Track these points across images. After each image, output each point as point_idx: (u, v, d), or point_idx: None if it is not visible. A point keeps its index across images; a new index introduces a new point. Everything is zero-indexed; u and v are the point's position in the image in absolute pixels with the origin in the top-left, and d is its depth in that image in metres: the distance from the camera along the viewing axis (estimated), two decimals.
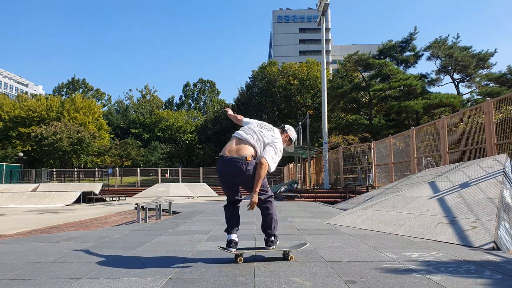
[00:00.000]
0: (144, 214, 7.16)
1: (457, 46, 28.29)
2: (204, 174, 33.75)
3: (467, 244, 3.82)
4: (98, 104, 61.33)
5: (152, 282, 2.56)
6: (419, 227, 4.63)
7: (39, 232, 6.48)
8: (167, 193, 23.94)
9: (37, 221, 9.12)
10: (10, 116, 45.83)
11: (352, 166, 17.72)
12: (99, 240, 4.61)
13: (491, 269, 2.84)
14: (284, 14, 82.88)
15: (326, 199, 14.07)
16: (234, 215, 3.34)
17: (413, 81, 26.20)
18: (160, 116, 58.29)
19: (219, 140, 45.68)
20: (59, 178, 36.32)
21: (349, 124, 29.65)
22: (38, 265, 3.18)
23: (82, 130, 42.46)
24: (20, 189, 21.70)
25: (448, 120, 9.62)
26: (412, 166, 11.18)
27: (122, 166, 44.31)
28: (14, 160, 38.79)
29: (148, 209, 7.27)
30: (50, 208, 14.64)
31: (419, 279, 2.59)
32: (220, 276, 2.71)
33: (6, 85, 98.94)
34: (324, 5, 16.67)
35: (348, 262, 3.17)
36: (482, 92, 26.80)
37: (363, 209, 6.43)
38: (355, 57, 29.50)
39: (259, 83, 44.89)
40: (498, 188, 4.78)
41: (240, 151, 3.14)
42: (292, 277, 2.68)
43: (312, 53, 68.51)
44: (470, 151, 8.47)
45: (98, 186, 22.76)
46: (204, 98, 71.90)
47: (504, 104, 7.49)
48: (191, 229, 5.66)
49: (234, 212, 3.35)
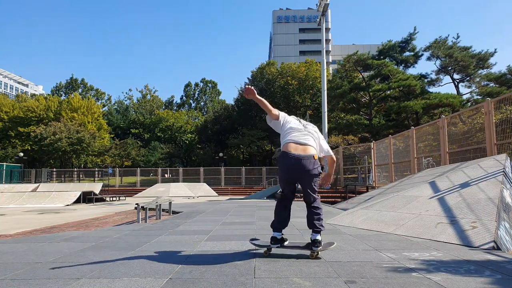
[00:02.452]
0: (144, 214, 7.16)
1: (457, 46, 28.32)
2: (204, 174, 33.73)
3: (467, 244, 3.82)
4: (98, 104, 61.30)
5: (152, 282, 2.56)
6: (419, 227, 4.63)
7: (39, 232, 6.48)
8: (167, 193, 23.94)
9: (37, 221, 9.11)
10: (9, 116, 45.85)
11: (352, 166, 17.73)
12: (99, 240, 4.61)
13: (491, 269, 2.84)
14: (284, 14, 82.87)
15: (326, 199, 14.08)
16: (287, 213, 3.42)
17: (412, 81, 26.21)
18: (160, 116, 58.26)
19: (219, 140, 45.69)
20: (59, 178, 36.32)
21: (349, 124, 29.67)
22: (38, 265, 3.18)
23: (82, 130, 42.45)
24: (20, 189, 21.69)
25: (448, 120, 9.62)
26: (412, 166, 11.18)
27: (122, 166, 44.30)
28: (14, 160, 38.76)
29: (148, 209, 7.27)
30: (50, 208, 14.63)
31: (419, 279, 2.59)
32: (220, 276, 2.71)
33: (6, 85, 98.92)
34: (324, 5, 16.68)
35: (348, 262, 3.17)
36: (482, 92, 26.83)
37: (363, 209, 6.43)
38: (354, 57, 29.50)
39: (258, 83, 44.89)
40: (498, 188, 4.78)
41: (307, 151, 3.28)
42: (292, 277, 2.68)
43: (312, 53, 68.53)
44: (470, 151, 8.47)
45: (98, 186, 22.75)
46: (205, 98, 71.88)
47: (504, 104, 7.49)
48: (191, 229, 5.66)
49: (287, 209, 3.43)
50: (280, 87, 42.96)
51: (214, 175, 33.73)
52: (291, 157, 3.23)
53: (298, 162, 3.21)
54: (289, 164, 3.24)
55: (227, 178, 33.44)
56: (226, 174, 33.54)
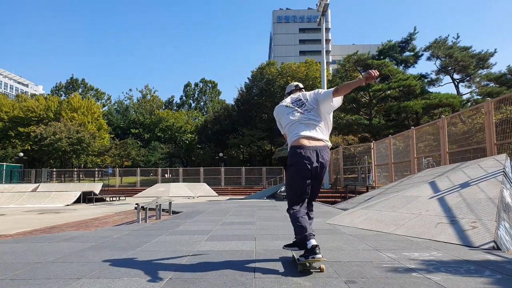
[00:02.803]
0: (144, 214, 7.16)
1: (457, 46, 28.31)
2: (204, 174, 33.74)
3: (467, 244, 3.82)
4: (98, 104, 61.28)
5: (152, 282, 2.56)
6: (419, 227, 4.63)
7: (39, 232, 6.48)
8: (167, 193, 23.94)
9: (37, 221, 9.11)
10: (9, 116, 45.84)
11: (352, 166, 17.73)
12: (99, 240, 4.61)
13: (491, 269, 2.84)
14: (284, 14, 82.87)
15: (326, 199, 14.09)
16: (308, 216, 2.99)
17: (412, 81, 26.19)
18: (160, 116, 58.25)
19: (219, 140, 45.66)
20: (59, 178, 36.30)
21: (349, 124, 29.65)
22: (38, 265, 3.18)
23: (82, 130, 42.44)
24: (20, 189, 21.68)
25: (448, 120, 9.62)
26: (412, 166, 11.18)
27: (122, 166, 44.28)
28: (14, 160, 38.76)
29: (148, 209, 7.27)
30: (50, 208, 14.63)
31: (419, 279, 2.59)
32: (220, 276, 2.71)
33: (6, 85, 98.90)
34: (324, 5, 16.68)
35: (348, 262, 3.17)
36: (482, 92, 26.82)
37: (363, 209, 6.43)
38: (354, 57, 29.49)
39: (258, 84, 44.89)
40: (498, 188, 4.78)
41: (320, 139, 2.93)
42: (292, 277, 2.68)
43: (312, 53, 68.53)
44: (470, 151, 8.47)
45: (98, 186, 22.75)
46: (205, 98, 71.87)
47: (504, 104, 7.49)
48: (191, 229, 5.66)
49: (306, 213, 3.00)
50: (280, 87, 42.94)
51: (214, 175, 33.72)
52: (305, 151, 2.89)
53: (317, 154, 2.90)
54: (307, 160, 2.88)
55: (227, 178, 33.44)
56: (226, 174, 33.54)
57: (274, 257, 3.37)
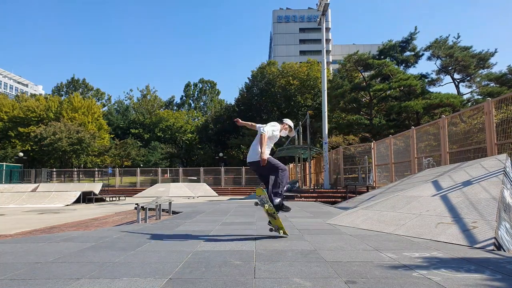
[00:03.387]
0: (144, 214, 7.15)
1: (458, 46, 28.27)
2: (204, 174, 33.74)
3: (467, 244, 3.81)
4: (98, 104, 61.27)
5: (152, 282, 2.56)
6: (420, 227, 4.62)
7: (39, 232, 6.47)
8: (167, 193, 23.95)
9: (37, 221, 9.11)
10: (9, 116, 45.83)
11: (352, 166, 17.71)
12: (99, 240, 4.61)
13: (492, 269, 2.84)
14: (284, 14, 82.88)
15: (326, 199, 14.07)
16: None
17: (413, 81, 26.18)
18: (160, 116, 58.26)
19: (219, 140, 45.70)
20: (59, 178, 36.30)
21: (350, 124, 29.65)
22: (38, 265, 3.18)
23: (82, 130, 42.44)
24: (20, 189, 21.70)
25: (449, 120, 9.62)
26: (413, 166, 11.18)
27: (122, 166, 44.30)
28: (14, 160, 38.78)
29: (148, 209, 7.26)
30: (50, 208, 14.64)
31: (419, 279, 2.58)
32: (220, 276, 2.70)
33: (6, 85, 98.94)
34: (324, 5, 16.65)
35: (348, 262, 3.16)
36: (483, 92, 26.78)
37: (364, 209, 6.43)
38: (355, 57, 29.48)
39: (259, 84, 44.90)
40: (498, 188, 4.78)
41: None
42: (292, 277, 2.67)
43: (313, 53, 68.52)
44: (471, 151, 8.46)
45: (98, 186, 22.77)
46: (205, 98, 71.91)
47: (504, 104, 7.48)
48: (191, 229, 5.66)
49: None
50: (281, 87, 42.95)
51: (214, 175, 33.72)
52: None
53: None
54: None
55: (227, 178, 33.44)
56: (226, 174, 33.55)
57: (274, 257, 3.37)
